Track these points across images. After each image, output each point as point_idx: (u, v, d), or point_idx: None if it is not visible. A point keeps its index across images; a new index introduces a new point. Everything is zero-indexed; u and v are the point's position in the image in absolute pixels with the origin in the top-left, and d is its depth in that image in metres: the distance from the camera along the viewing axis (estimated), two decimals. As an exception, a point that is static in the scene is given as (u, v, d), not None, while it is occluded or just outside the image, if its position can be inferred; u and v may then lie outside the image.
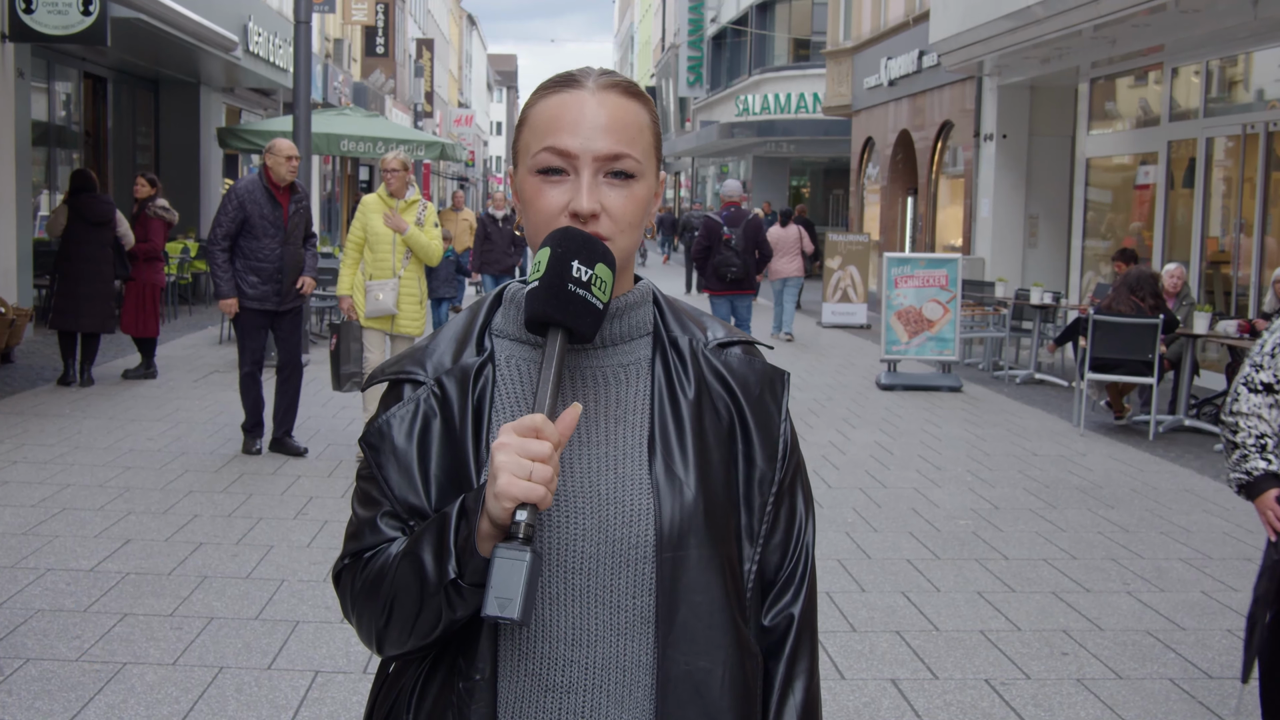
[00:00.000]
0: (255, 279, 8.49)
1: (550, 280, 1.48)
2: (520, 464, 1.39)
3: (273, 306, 8.59)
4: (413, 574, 1.50)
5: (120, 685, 4.68)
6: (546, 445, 1.40)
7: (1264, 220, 13.41)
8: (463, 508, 1.48)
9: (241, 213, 8.41)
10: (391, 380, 1.66)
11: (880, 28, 25.11)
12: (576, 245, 1.50)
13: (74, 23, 12.43)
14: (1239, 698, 4.87)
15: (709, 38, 46.72)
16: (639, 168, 1.58)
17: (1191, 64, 14.87)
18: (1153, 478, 9.04)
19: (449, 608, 1.49)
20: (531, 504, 1.39)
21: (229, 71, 20.26)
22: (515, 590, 1.37)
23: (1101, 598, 6.16)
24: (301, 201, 8.76)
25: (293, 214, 8.62)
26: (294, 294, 8.70)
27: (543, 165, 1.56)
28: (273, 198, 8.49)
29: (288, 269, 8.56)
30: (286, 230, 8.55)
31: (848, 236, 21.34)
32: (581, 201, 1.53)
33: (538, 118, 1.60)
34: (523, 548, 1.38)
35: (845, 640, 5.44)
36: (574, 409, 1.46)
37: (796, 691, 1.67)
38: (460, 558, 1.45)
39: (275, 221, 8.48)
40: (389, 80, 39.33)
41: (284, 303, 8.61)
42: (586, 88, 1.59)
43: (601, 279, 1.50)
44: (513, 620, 1.37)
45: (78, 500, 7.31)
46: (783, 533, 1.69)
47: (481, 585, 1.44)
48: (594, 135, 1.55)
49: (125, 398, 10.87)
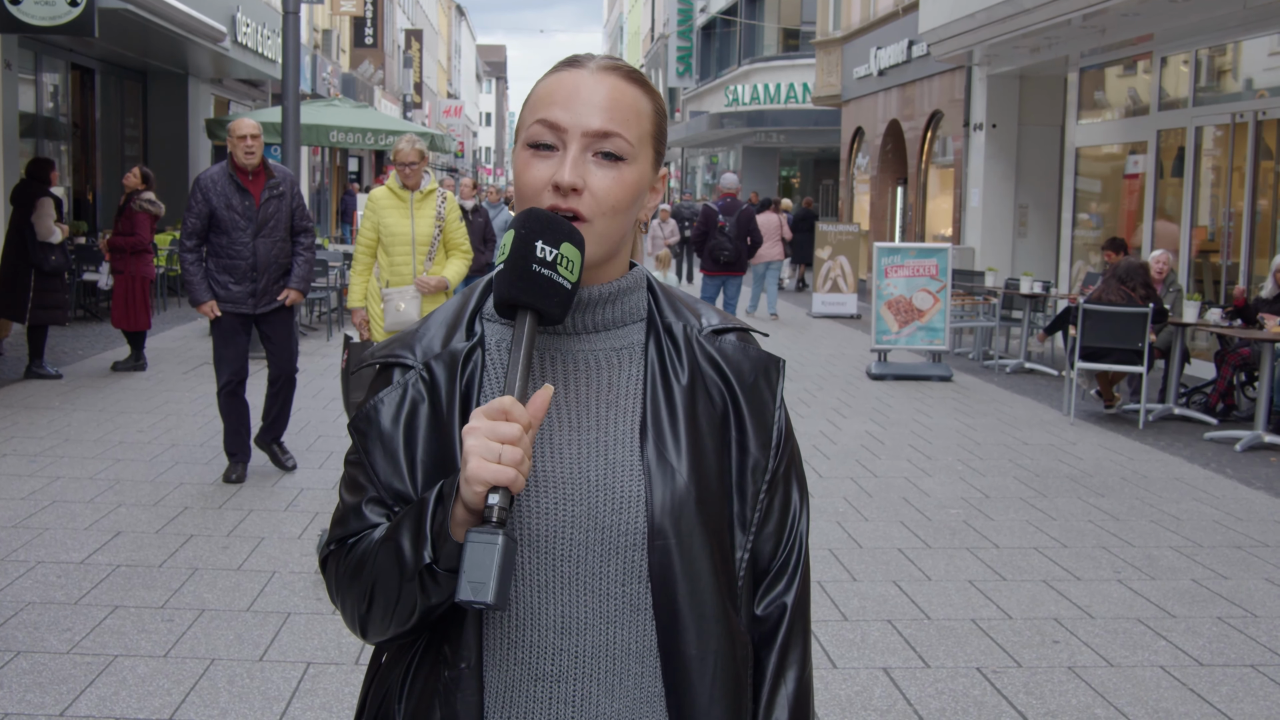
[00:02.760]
0: (228, 278, 7.53)
1: (514, 262, 1.47)
2: (489, 447, 1.38)
3: (249, 309, 7.58)
4: (391, 560, 1.50)
5: (111, 677, 4.68)
6: (515, 427, 1.39)
7: (1253, 209, 13.43)
8: (440, 493, 1.47)
9: (207, 205, 7.48)
10: (381, 364, 1.66)
11: (870, 17, 25.10)
12: (540, 225, 1.48)
13: (61, 13, 12.37)
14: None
15: (698, 28, 46.66)
16: (630, 151, 1.56)
17: (1181, 53, 14.88)
18: (1143, 466, 9.06)
19: (424, 593, 1.48)
20: (503, 487, 1.38)
21: (217, 62, 20.19)
22: (487, 574, 1.35)
23: (1092, 586, 6.18)
24: (278, 188, 7.66)
25: (266, 202, 7.58)
26: (274, 293, 7.65)
27: (533, 139, 1.56)
28: (240, 185, 7.52)
29: (262, 266, 7.56)
30: (259, 221, 7.55)
31: (838, 226, 21.33)
32: (564, 173, 1.52)
33: (537, 95, 1.60)
34: (494, 531, 1.36)
35: (837, 629, 5.45)
36: (545, 390, 1.45)
37: (789, 681, 1.66)
38: (435, 543, 1.45)
39: (245, 212, 7.50)
40: (378, 71, 39.26)
41: (262, 304, 7.59)
42: (587, 68, 1.59)
43: (568, 258, 1.48)
44: (486, 604, 1.35)
45: (68, 493, 7.29)
46: (776, 521, 1.68)
47: (456, 571, 1.42)
48: (585, 111, 1.54)
49: (115, 390, 10.84)
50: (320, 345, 14.51)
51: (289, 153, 13.48)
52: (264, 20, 21.21)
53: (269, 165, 7.67)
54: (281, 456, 8.02)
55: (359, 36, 37.68)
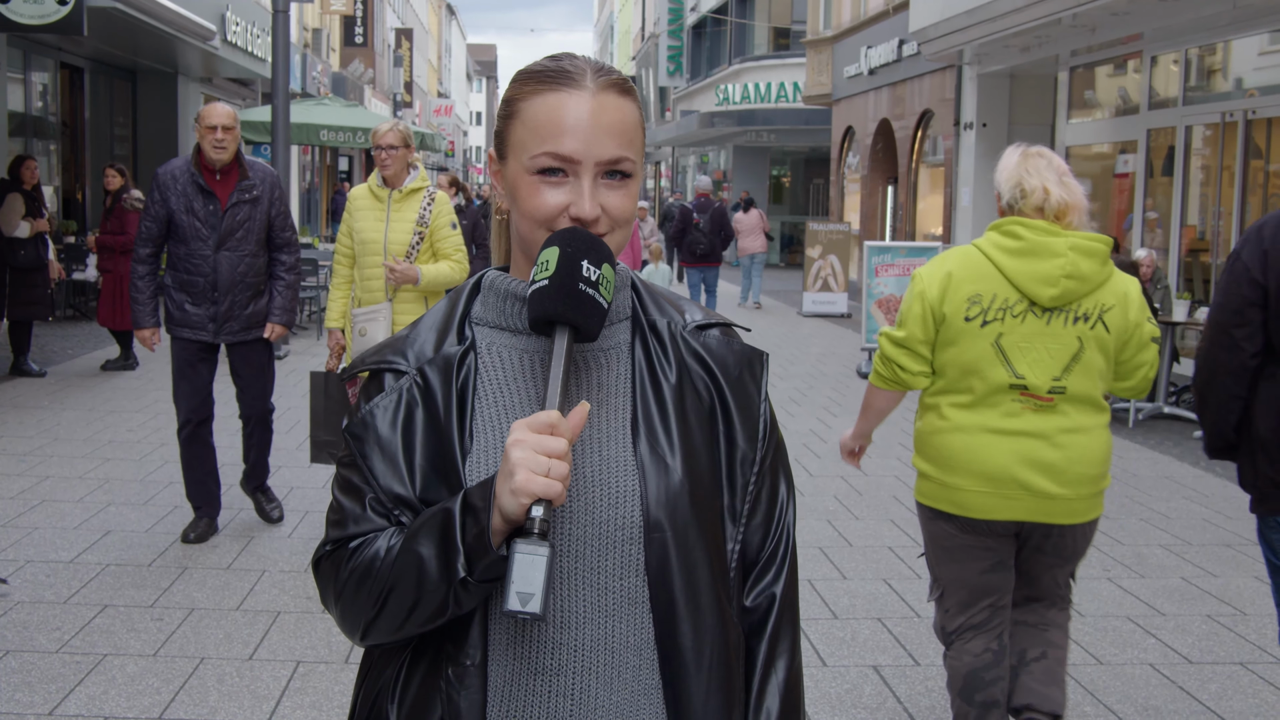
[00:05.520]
0: (184, 297, 6.23)
1: (562, 280, 1.49)
2: (538, 460, 1.39)
3: (208, 337, 6.27)
4: (412, 569, 1.50)
5: (101, 676, 4.67)
6: (562, 442, 1.41)
7: (1242, 208, 13.46)
8: (467, 504, 1.47)
9: (164, 207, 6.20)
10: (372, 370, 1.66)
11: (860, 17, 25.11)
12: (585, 246, 1.51)
13: (50, 12, 12.32)
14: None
15: (689, 27, 46.63)
16: (634, 167, 1.59)
17: (1170, 52, 14.91)
18: (1132, 465, 9.08)
19: (455, 604, 1.49)
20: (547, 500, 1.39)
21: (207, 61, 20.15)
22: (536, 585, 1.38)
23: (1082, 584, 6.18)
24: (252, 191, 6.27)
25: (234, 207, 6.23)
26: (242, 320, 6.32)
27: (543, 166, 1.56)
28: (203, 186, 6.19)
29: (225, 285, 6.21)
30: (222, 231, 6.20)
31: (828, 226, 21.35)
32: (584, 207, 1.54)
33: (535, 116, 1.58)
34: (541, 543, 1.39)
35: (827, 627, 5.45)
36: (583, 406, 1.47)
37: (779, 670, 1.68)
38: (470, 555, 1.45)
39: (207, 219, 6.18)
40: (368, 70, 39.21)
41: (225, 331, 6.29)
42: (586, 88, 1.57)
43: (607, 279, 1.52)
44: (534, 615, 1.38)
45: (57, 492, 7.27)
46: (764, 513, 1.70)
47: (489, 581, 1.45)
48: (596, 141, 1.55)
49: (104, 389, 10.82)
50: (310, 344, 14.49)
51: (279, 152, 13.46)
52: (253, 19, 21.18)
53: (245, 163, 6.34)
54: (267, 507, 6.82)
55: (349, 35, 37.66)
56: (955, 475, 3.69)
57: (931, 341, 3.73)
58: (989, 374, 3.62)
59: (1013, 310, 3.61)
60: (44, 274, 11.71)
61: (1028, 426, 3.62)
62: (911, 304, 3.74)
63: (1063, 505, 3.67)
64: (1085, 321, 3.63)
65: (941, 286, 3.68)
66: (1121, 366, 3.79)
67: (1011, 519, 3.67)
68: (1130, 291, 3.73)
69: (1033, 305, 3.61)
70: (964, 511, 3.70)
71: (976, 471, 3.65)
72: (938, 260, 3.82)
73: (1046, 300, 3.58)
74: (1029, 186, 3.72)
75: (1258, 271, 3.47)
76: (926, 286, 3.72)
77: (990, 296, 3.63)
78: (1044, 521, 3.69)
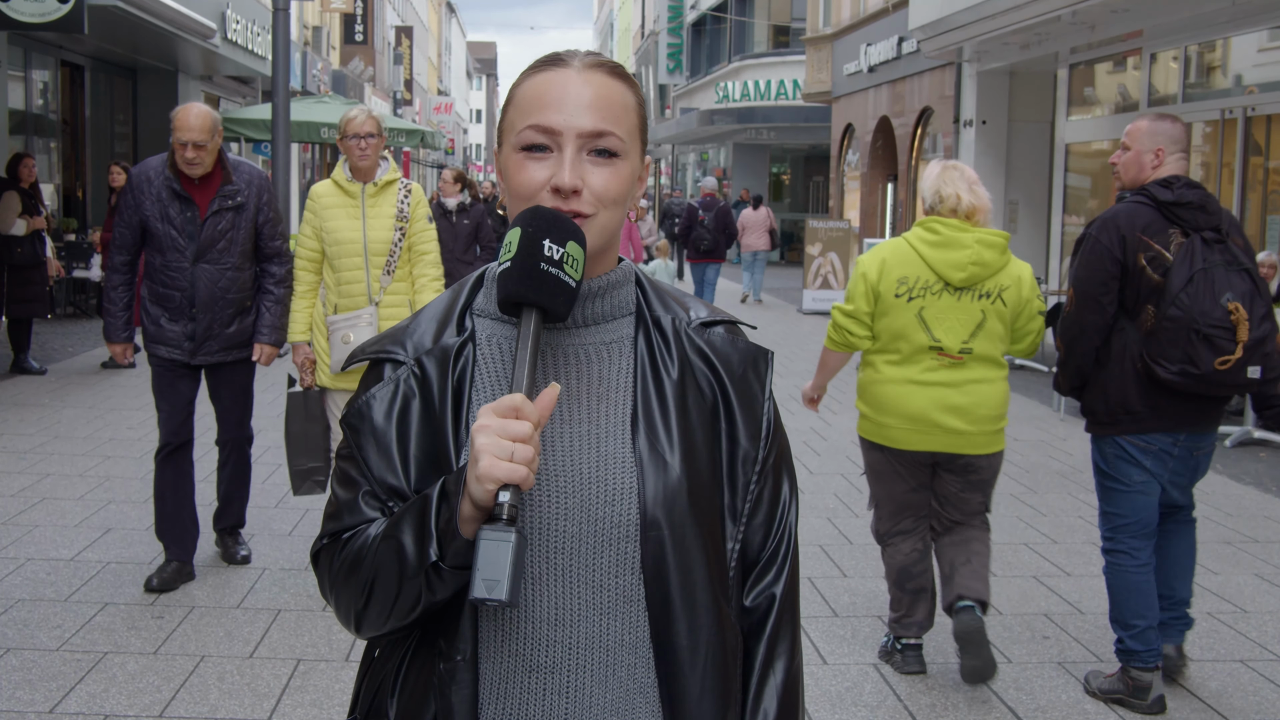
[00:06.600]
0: (160, 312, 5.64)
1: (522, 260, 1.47)
2: (501, 445, 1.38)
3: (184, 357, 5.65)
4: (392, 556, 1.50)
5: (101, 674, 4.67)
6: (527, 425, 1.40)
7: (1242, 205, 13.46)
8: (443, 490, 1.47)
9: (137, 213, 5.58)
10: (372, 360, 1.66)
11: (860, 14, 25.10)
12: (547, 224, 1.49)
13: (50, 10, 12.32)
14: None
15: (689, 24, 46.61)
16: (622, 146, 1.58)
17: (1170, 49, 14.90)
18: (1132, 462, 9.07)
19: (429, 590, 1.48)
20: (514, 485, 1.38)
21: (207, 59, 20.15)
22: (502, 572, 1.36)
23: (1082, 581, 6.19)
24: (235, 198, 5.61)
25: (214, 215, 5.56)
26: (223, 340, 5.69)
27: (526, 142, 1.56)
28: (178, 191, 5.54)
29: (204, 301, 5.58)
30: (201, 241, 5.57)
31: (828, 223, 21.36)
32: (564, 176, 1.53)
33: (523, 96, 1.60)
34: (507, 529, 1.37)
35: (827, 625, 5.45)
36: (553, 388, 1.46)
37: (777, 671, 1.67)
38: (441, 541, 1.45)
39: (184, 228, 5.54)
40: (368, 68, 39.22)
41: (203, 351, 5.65)
42: (572, 67, 1.59)
43: (573, 257, 1.49)
44: (500, 602, 1.37)
45: (58, 490, 7.28)
46: (765, 512, 1.69)
47: (462, 568, 1.44)
48: (578, 112, 1.55)
49: (105, 387, 10.82)
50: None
51: (279, 149, 13.46)
52: (254, 17, 21.18)
53: (228, 164, 5.67)
54: (234, 547, 6.10)
55: (349, 33, 37.65)
56: (886, 415, 4.71)
57: (871, 312, 4.71)
58: (913, 338, 4.63)
59: (932, 289, 4.61)
60: (41, 271, 11.72)
61: (942, 379, 4.63)
62: (856, 283, 4.74)
63: (969, 439, 4.66)
64: (988, 298, 4.64)
65: (878, 270, 4.68)
66: (1016, 333, 4.79)
67: (929, 450, 4.68)
68: (1023, 275, 4.72)
69: (947, 285, 4.61)
70: (893, 444, 4.73)
71: (902, 413, 4.66)
72: (876, 250, 4.79)
73: (957, 281, 4.59)
74: (945, 193, 4.70)
75: (1118, 251, 4.48)
76: (867, 269, 4.72)
77: (915, 278, 4.62)
78: (955, 452, 4.68)
